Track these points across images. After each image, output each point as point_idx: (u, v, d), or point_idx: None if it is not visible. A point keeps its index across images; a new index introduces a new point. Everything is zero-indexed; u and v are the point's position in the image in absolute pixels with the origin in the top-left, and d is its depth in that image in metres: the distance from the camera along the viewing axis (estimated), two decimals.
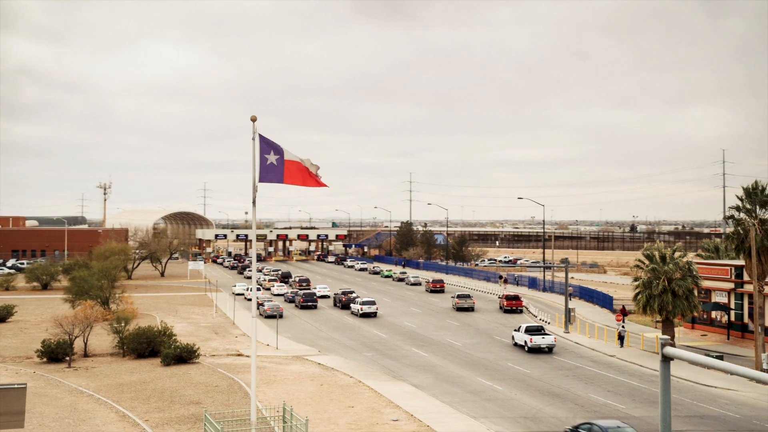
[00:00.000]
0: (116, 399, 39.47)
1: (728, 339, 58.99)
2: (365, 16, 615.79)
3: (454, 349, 56.02)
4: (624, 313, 72.32)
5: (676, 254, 52.75)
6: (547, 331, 56.98)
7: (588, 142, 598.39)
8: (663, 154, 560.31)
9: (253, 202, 27.80)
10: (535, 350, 54.66)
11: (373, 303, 75.22)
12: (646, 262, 53.05)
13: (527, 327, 56.62)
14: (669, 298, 50.78)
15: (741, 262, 60.40)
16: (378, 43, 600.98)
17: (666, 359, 17.83)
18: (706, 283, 57.89)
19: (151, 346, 52.25)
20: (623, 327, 57.16)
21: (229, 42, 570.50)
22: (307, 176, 27.42)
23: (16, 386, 23.54)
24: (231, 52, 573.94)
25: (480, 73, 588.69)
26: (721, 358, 48.71)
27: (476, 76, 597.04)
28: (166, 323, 56.54)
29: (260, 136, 27.26)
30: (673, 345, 18.53)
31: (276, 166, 27.20)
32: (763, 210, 46.57)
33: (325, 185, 27.74)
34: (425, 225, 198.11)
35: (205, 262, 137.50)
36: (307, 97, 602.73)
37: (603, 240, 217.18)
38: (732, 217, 47.72)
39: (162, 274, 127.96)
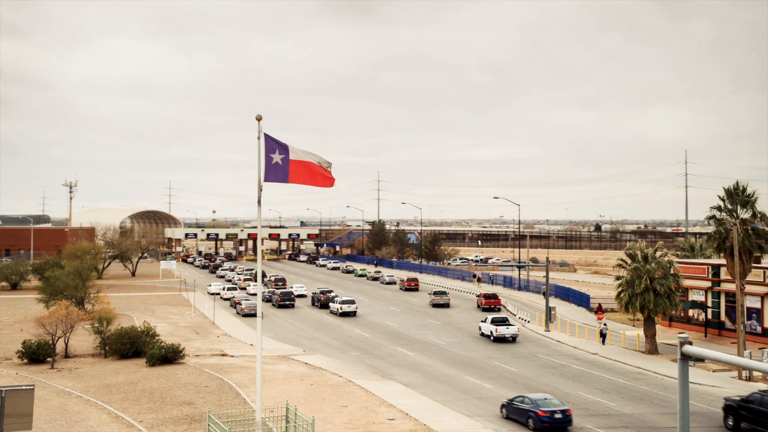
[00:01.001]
0: (106, 400, 39.05)
1: (705, 337, 60.03)
2: (332, 15, 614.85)
3: (438, 348, 56.26)
4: (600, 311, 73.37)
5: (658, 253, 53.54)
6: (510, 322, 61.10)
7: (552, 142, 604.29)
8: (625, 154, 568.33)
9: (258, 202, 27.69)
10: (500, 339, 59.15)
11: (352, 302, 75.24)
12: (629, 261, 53.79)
13: (493, 318, 61.12)
14: (651, 296, 51.56)
15: (718, 261, 61.66)
16: (345, 43, 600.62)
17: (685, 357, 18.15)
18: (684, 282, 58.82)
19: (135, 346, 51.76)
20: (605, 325, 57.95)
21: (195, 39, 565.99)
22: (314, 175, 27.35)
23: (24, 388, 23.35)
24: (196, 50, 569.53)
25: (446, 73, 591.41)
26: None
27: (443, 76, 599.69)
28: (149, 323, 55.92)
29: (266, 135, 27.16)
30: (691, 343, 18.85)
31: (281, 165, 27.11)
32: (744, 210, 47.47)
33: (331, 185, 27.67)
34: (397, 224, 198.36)
35: (175, 262, 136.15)
36: (273, 95, 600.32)
37: (570, 239, 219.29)
38: (713, 217, 48.57)
39: (133, 274, 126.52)
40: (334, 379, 44.15)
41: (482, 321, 62.78)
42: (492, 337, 59.35)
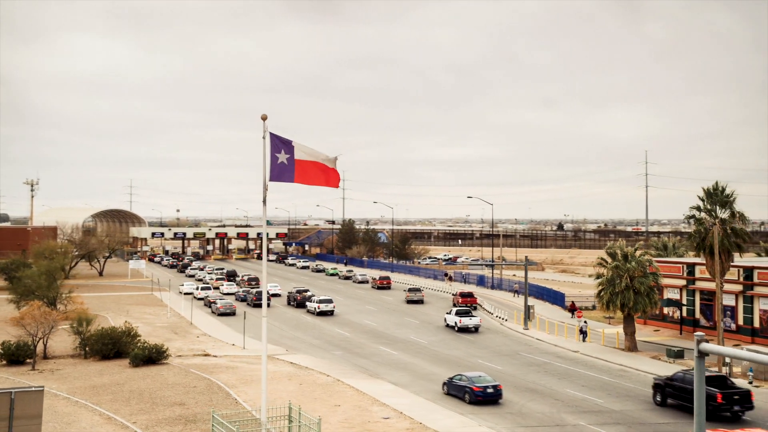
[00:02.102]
0: (95, 401, 38.58)
1: (681, 334, 61.20)
2: (296, 14, 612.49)
3: (421, 347, 56.55)
4: (574, 308, 74.46)
5: (638, 252, 54.48)
6: (473, 314, 65.75)
7: (515, 142, 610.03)
8: (586, 154, 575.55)
9: (264, 202, 27.66)
10: (464, 330, 63.68)
11: (330, 301, 75.24)
12: (609, 260, 54.62)
13: (457, 310, 65.81)
14: (631, 294, 52.45)
15: (693, 259, 62.94)
16: (309, 41, 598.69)
17: (701, 355, 18.60)
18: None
19: (117, 347, 51.16)
20: (585, 323, 58.83)
21: (156, 36, 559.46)
22: (319, 175, 27.39)
23: (33, 389, 23.03)
24: (158, 47, 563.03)
25: (410, 72, 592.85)
26: (681, 352, 50.73)
27: (406, 76, 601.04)
28: (130, 324, 55.30)
29: (271, 134, 27.15)
30: (707, 340, 19.31)
31: (287, 165, 27.12)
32: (723, 210, 48.51)
33: (336, 185, 27.74)
34: (367, 223, 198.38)
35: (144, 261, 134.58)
36: (236, 93, 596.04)
37: (535, 238, 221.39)
38: (693, 216, 49.54)
39: (100, 274, 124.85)
40: (323, 379, 44.17)
41: (447, 313, 67.62)
42: (456, 328, 64.04)
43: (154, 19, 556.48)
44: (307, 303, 77.84)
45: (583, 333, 57.63)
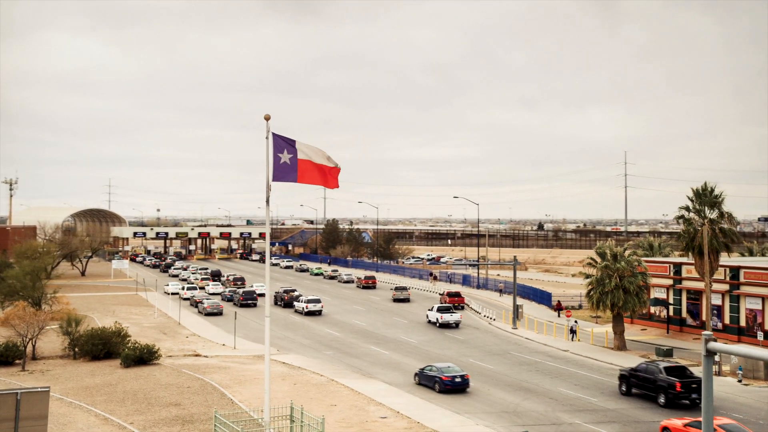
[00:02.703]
0: (89, 402, 38.35)
1: (668, 333, 61.81)
2: (274, 13, 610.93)
3: (411, 347, 56.68)
4: (560, 308, 74.96)
5: (627, 252, 54.96)
6: (453, 311, 67.53)
7: (493, 142, 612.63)
8: (564, 155, 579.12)
9: (267, 201, 27.64)
10: (445, 325, 65.98)
11: (318, 301, 75.19)
12: (598, 259, 55.06)
13: (438, 307, 67.73)
14: (620, 294, 52.89)
15: (679, 259, 63.59)
16: (287, 40, 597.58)
17: (709, 354, 18.88)
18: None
19: (107, 347, 50.84)
20: (575, 322, 59.28)
21: (133, 34, 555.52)
22: (322, 175, 27.43)
23: (39, 389, 22.87)
24: (135, 45, 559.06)
25: (388, 72, 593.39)
26: (671, 351, 51.26)
27: (384, 75, 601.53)
28: (120, 324, 54.94)
29: (274, 134, 27.14)
30: (715, 339, 19.58)
31: (289, 165, 27.12)
32: (711, 210, 49.09)
33: (337, 186, 27.79)
34: (351, 223, 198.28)
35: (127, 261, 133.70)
36: (213, 91, 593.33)
37: (517, 238, 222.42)
38: (682, 216, 50.08)
39: (83, 273, 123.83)
40: (316, 378, 44.18)
41: (429, 310, 69.89)
42: (438, 324, 66.35)
43: (132, 17, 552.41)
44: (295, 303, 77.74)
45: (573, 332, 58.05)
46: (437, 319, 66.56)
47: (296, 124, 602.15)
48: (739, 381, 43.99)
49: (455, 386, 41.13)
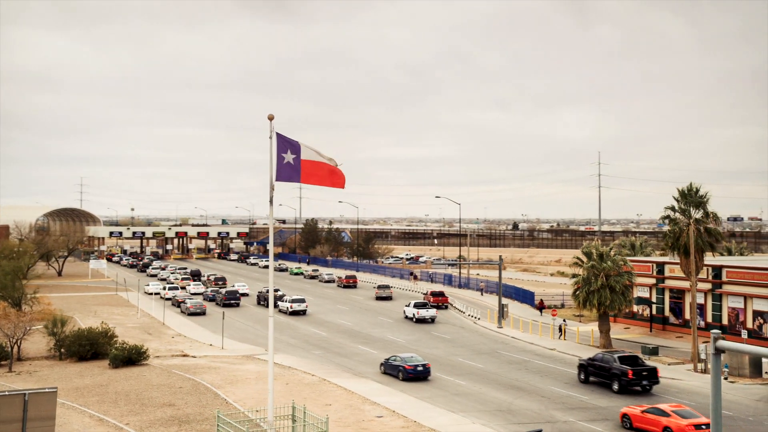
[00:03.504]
0: (82, 403, 38.07)
1: (651, 331, 62.62)
2: (248, 10, 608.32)
3: (399, 346, 56.83)
4: (542, 307, 75.62)
5: (612, 252, 55.59)
6: (429, 307, 70.50)
7: (468, 142, 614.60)
8: (537, 155, 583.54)
9: (270, 201, 27.68)
10: (421, 320, 68.86)
11: (302, 301, 75.13)
12: (585, 259, 55.62)
13: (415, 303, 70.97)
14: (607, 293, 53.49)
15: (662, 258, 64.46)
16: (261, 38, 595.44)
17: (718, 352, 19.26)
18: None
19: (94, 348, 50.46)
20: (564, 321, 59.84)
21: (104, 31, 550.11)
22: (325, 175, 27.47)
23: (47, 390, 22.78)
24: (106, 42, 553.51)
25: (363, 71, 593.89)
26: (656, 349, 51.94)
27: (360, 74, 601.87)
28: (107, 324, 54.50)
29: (278, 134, 27.18)
30: (724, 338, 19.95)
31: (293, 165, 27.17)
32: (697, 210, 49.80)
33: (342, 186, 27.84)
34: (330, 222, 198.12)
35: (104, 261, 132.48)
36: (187, 90, 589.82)
37: (494, 237, 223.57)
38: (668, 217, 50.74)
39: (59, 274, 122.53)
40: (308, 378, 44.20)
41: (406, 306, 72.60)
42: (414, 319, 69.26)
43: (102, 13, 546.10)
44: (279, 303, 77.54)
45: (561, 331, 58.65)
46: (414, 314, 69.40)
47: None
48: (725, 378, 44.71)
49: (417, 375, 44.05)
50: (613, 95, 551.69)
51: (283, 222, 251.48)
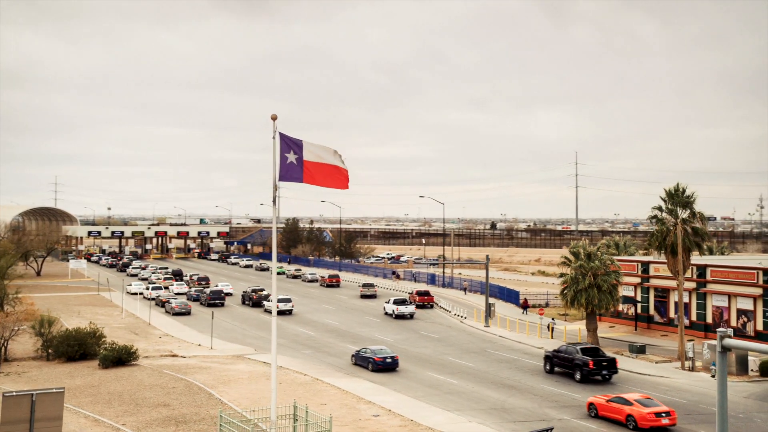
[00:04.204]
0: (75, 404, 37.81)
1: (636, 330, 63.30)
2: (225, 8, 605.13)
3: (388, 345, 56.64)
4: (526, 306, 76.15)
5: (600, 251, 56.14)
6: (408, 303, 72.85)
7: (445, 142, 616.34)
8: (513, 155, 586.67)
9: (274, 201, 27.67)
10: (400, 317, 71.18)
11: (288, 300, 75.03)
12: (572, 259, 56.11)
13: (395, 299, 73.06)
14: (595, 292, 54.01)
15: (647, 258, 65.21)
16: (237, 37, 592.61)
17: (724, 350, 19.61)
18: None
19: (83, 348, 50.11)
20: (552, 320, 60.35)
21: (78, 27, 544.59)
22: (327, 176, 27.49)
23: (54, 391, 22.66)
24: (79, 39, 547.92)
25: (340, 70, 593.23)
26: (643, 347, 52.55)
27: (337, 74, 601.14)
28: (95, 324, 54.09)
29: (281, 134, 27.17)
30: (730, 336, 20.31)
31: (296, 165, 27.14)
32: (684, 210, 50.45)
33: (346, 187, 27.87)
34: (311, 222, 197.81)
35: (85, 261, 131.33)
36: (162, 88, 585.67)
37: (473, 237, 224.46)
38: (655, 216, 51.34)
39: (38, 274, 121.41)
40: (301, 378, 44.23)
41: (386, 302, 74.65)
42: (394, 315, 71.52)
43: (76, 10, 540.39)
44: (265, 302, 77.45)
45: (550, 330, 59.16)
46: (393, 310, 71.86)
47: (246, 122, 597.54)
48: (713, 376, 45.34)
49: (386, 366, 46.86)
50: (588, 96, 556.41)
51: (259, 221, 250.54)
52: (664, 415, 33.83)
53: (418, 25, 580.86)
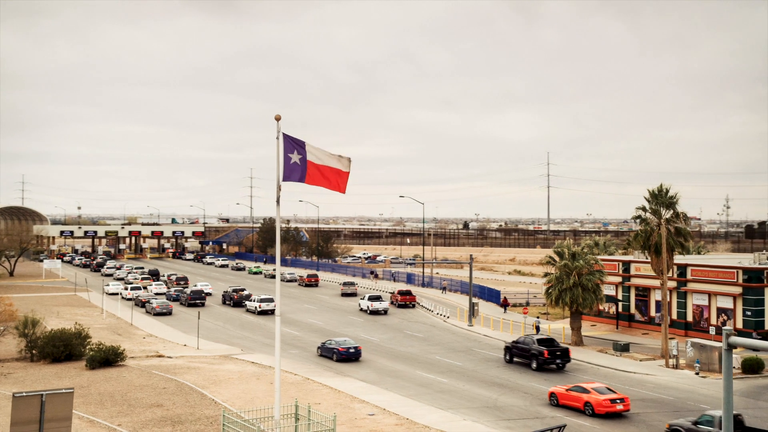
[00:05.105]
0: None
1: (617, 328, 64.18)
2: (193, 6, 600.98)
3: (375, 345, 57.20)
4: (506, 304, 76.84)
5: (584, 251, 56.85)
6: (383, 299, 76.03)
7: (416, 141, 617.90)
8: (484, 155, 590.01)
9: (277, 201, 27.71)
10: (375, 312, 73.89)
11: (271, 300, 74.94)
12: (557, 258, 56.74)
13: (369, 296, 75.92)
14: (579, 291, 54.70)
15: (628, 257, 66.12)
16: (206, 35, 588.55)
17: (730, 347, 20.11)
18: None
19: (68, 349, 49.62)
20: (538, 318, 60.97)
21: (42, 24, 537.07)
22: (329, 178, 27.60)
23: (63, 391, 22.53)
24: (44, 35, 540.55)
25: (311, 70, 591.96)
26: (627, 346, 53.30)
27: (308, 73, 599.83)
28: (80, 325, 53.51)
29: (284, 135, 27.24)
30: (735, 334, 20.83)
31: (299, 165, 27.25)
32: (667, 210, 51.28)
33: (344, 191, 27.98)
34: (288, 222, 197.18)
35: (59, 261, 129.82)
36: (129, 86, 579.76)
37: (448, 236, 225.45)
38: (639, 216, 52.14)
39: (11, 274, 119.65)
40: (291, 378, 44.26)
41: (361, 299, 77.67)
42: (368, 311, 74.23)
43: (42, 6, 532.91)
44: (247, 302, 77.26)
45: (537, 328, 59.82)
46: (368, 306, 74.54)
47: (216, 121, 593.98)
48: (697, 374, 46.13)
49: (349, 356, 49.97)
50: (557, 96, 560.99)
51: (227, 221, 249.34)
52: (618, 401, 36.26)
53: (388, 24, 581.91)
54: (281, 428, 27.99)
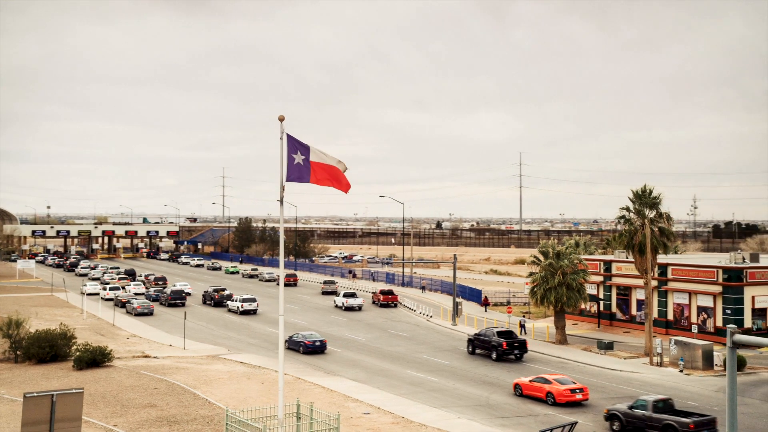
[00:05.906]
0: None
1: (599, 327, 65.03)
2: (164, 4, 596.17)
3: (361, 344, 57.41)
4: (487, 303, 77.50)
5: (569, 251, 57.54)
6: (358, 296, 78.48)
7: (387, 141, 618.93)
8: (455, 155, 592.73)
9: (281, 202, 27.83)
10: (349, 308, 76.32)
11: (253, 300, 74.83)
12: (542, 258, 57.37)
13: (344, 293, 78.58)
14: (563, 290, 55.36)
15: (610, 257, 66.99)
16: (177, 33, 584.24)
17: (734, 346, 20.65)
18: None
19: (54, 350, 49.17)
20: (524, 317, 61.55)
21: (8, 20, 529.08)
22: (332, 178, 27.80)
23: (74, 391, 22.47)
24: (10, 31, 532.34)
25: (282, 69, 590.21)
26: (611, 344, 54.07)
27: (278, 72, 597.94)
28: (66, 325, 53.04)
29: (288, 135, 27.37)
30: (739, 332, 21.37)
31: (303, 165, 27.39)
32: (650, 210, 52.09)
33: (347, 190, 28.18)
34: (264, 222, 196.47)
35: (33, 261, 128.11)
36: (99, 84, 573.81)
37: (422, 236, 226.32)
38: (623, 217, 52.90)
39: None
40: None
41: (336, 296, 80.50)
42: (343, 307, 76.53)
43: (5, 2, 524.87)
44: (228, 302, 77.02)
45: (523, 327, 60.46)
46: (343, 303, 76.93)
47: (188, 119, 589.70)
48: (681, 371, 46.97)
49: (315, 348, 52.62)
50: (527, 97, 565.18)
51: (194, 221, 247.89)
52: (578, 391, 38.44)
53: (360, 24, 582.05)
54: (285, 427, 28.07)
